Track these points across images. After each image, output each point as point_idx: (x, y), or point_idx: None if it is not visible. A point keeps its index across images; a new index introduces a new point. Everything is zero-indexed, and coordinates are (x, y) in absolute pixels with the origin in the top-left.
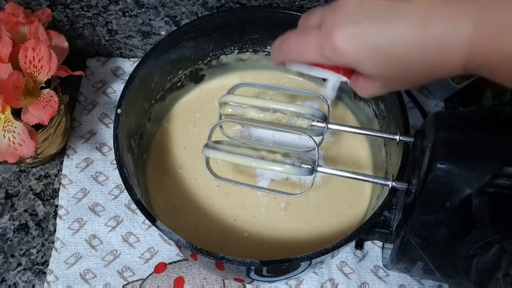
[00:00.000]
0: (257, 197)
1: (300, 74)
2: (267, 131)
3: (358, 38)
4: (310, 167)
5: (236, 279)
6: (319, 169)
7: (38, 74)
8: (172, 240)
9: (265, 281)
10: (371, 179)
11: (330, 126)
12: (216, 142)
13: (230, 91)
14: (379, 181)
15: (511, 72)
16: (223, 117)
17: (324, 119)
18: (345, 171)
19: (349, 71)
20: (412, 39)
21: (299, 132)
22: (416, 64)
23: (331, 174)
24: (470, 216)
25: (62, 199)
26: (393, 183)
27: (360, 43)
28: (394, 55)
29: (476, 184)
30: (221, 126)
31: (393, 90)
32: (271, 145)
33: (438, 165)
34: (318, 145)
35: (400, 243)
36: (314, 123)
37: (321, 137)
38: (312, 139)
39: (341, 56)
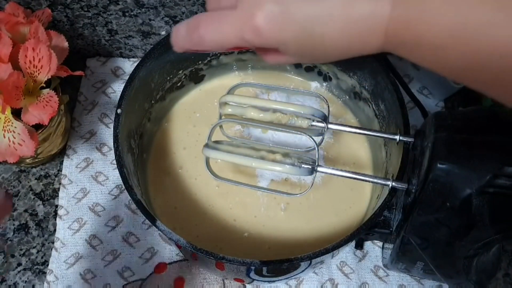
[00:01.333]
0: (257, 197)
1: (300, 74)
2: (267, 131)
3: (283, 18)
4: (310, 167)
5: (236, 279)
6: (319, 169)
7: (38, 74)
8: (172, 240)
9: (265, 281)
10: (371, 179)
11: (330, 126)
12: (216, 142)
13: (230, 91)
14: (379, 181)
15: (424, 55)
16: (223, 117)
17: (324, 119)
18: (345, 171)
19: None
20: (337, 19)
21: (299, 132)
22: (337, 43)
23: (331, 174)
24: (470, 216)
25: (62, 199)
26: (393, 183)
27: (286, 24)
28: (317, 34)
29: (476, 184)
30: (221, 126)
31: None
32: (271, 145)
33: (438, 165)
34: (318, 145)
35: (400, 243)
36: (314, 123)
37: (321, 137)
38: (312, 139)
39: (264, 38)
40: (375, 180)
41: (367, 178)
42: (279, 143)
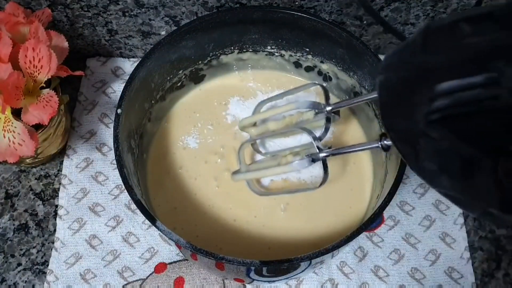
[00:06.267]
0: (257, 197)
1: (300, 74)
2: (281, 138)
3: None
4: (311, 157)
5: (236, 279)
6: (322, 154)
7: (38, 74)
8: (172, 240)
9: (265, 281)
10: (364, 147)
11: (328, 108)
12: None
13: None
14: (371, 146)
15: None
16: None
17: (320, 106)
18: (345, 147)
19: None
20: None
21: (296, 129)
22: None
23: (334, 154)
24: (442, 152)
25: (62, 199)
26: (382, 143)
27: None
28: None
29: (420, 117)
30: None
31: None
32: (279, 149)
33: (383, 120)
34: (327, 128)
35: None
36: (316, 113)
37: (333, 118)
38: (307, 130)
39: None
40: (368, 146)
41: (362, 147)
42: (293, 144)
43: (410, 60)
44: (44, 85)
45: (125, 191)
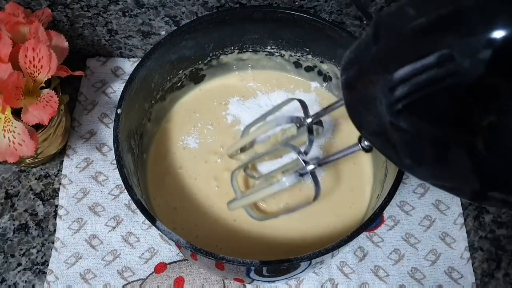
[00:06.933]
0: None
1: (300, 74)
2: (274, 159)
3: None
4: (300, 171)
5: (236, 279)
6: (309, 167)
7: (38, 74)
8: (172, 240)
9: (265, 281)
10: (346, 152)
11: (308, 120)
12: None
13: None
14: (352, 150)
15: None
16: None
17: (299, 120)
18: (330, 156)
19: None
20: None
21: (280, 147)
22: None
23: (321, 165)
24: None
25: (62, 199)
26: (361, 144)
27: None
28: None
29: (385, 110)
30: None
31: None
32: (267, 171)
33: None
34: (312, 141)
35: None
36: (299, 127)
37: (316, 131)
38: (290, 146)
39: None
40: (350, 151)
41: (344, 153)
42: (282, 162)
43: (365, 54)
44: (44, 85)
45: (125, 191)
